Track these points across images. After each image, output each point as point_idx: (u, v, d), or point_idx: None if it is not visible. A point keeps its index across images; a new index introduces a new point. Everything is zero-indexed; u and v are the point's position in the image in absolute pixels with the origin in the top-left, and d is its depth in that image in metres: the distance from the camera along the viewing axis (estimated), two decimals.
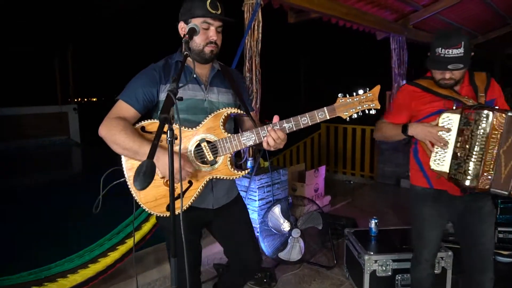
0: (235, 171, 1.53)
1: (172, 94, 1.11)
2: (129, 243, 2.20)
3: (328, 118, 1.46)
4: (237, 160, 3.31)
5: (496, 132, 1.57)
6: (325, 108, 1.46)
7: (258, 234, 3.02)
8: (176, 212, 1.47)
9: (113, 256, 2.15)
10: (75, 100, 12.25)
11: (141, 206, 1.51)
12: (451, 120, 1.70)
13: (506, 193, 1.62)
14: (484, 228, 1.83)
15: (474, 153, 1.60)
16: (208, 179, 1.52)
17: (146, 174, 0.92)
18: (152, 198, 1.50)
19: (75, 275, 2.06)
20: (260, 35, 3.16)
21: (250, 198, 3.17)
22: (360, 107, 1.46)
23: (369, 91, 1.46)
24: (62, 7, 8.28)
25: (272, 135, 1.46)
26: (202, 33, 1.51)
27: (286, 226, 2.94)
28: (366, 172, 6.10)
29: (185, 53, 1.35)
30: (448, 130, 1.70)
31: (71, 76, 11.34)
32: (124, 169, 1.52)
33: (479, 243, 1.83)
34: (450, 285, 2.44)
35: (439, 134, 1.71)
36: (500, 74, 11.94)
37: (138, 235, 2.27)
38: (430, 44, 1.75)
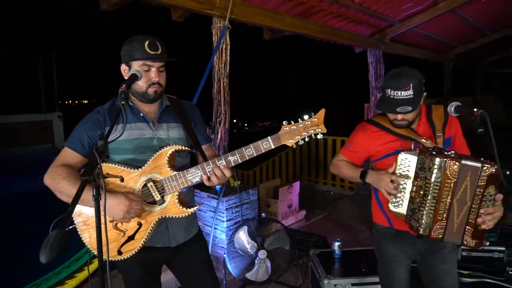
0: (184, 209, 1.52)
1: (97, 153, 1.12)
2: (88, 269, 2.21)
3: (273, 147, 1.46)
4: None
5: (449, 181, 1.52)
6: (269, 137, 1.46)
7: (225, 255, 3.05)
8: (128, 255, 1.50)
9: (71, 284, 2.16)
10: (66, 102, 12.14)
11: (92, 250, 1.52)
12: (409, 162, 1.64)
13: (459, 242, 1.57)
14: (447, 268, 1.80)
15: (428, 201, 1.56)
16: (157, 219, 1.52)
17: (53, 247, 0.90)
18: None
19: None
20: (228, 58, 3.19)
21: (218, 219, 3.19)
22: (305, 133, 1.45)
23: (314, 115, 1.46)
24: (44, 12, 8.25)
25: (216, 172, 1.46)
26: (144, 75, 1.52)
27: (252, 248, 2.97)
28: (346, 183, 6.16)
29: (122, 103, 1.34)
30: (404, 176, 1.64)
31: (55, 82, 11.26)
32: (73, 215, 1.52)
33: (441, 285, 1.81)
34: None
35: (393, 182, 1.65)
36: (481, 81, 12.16)
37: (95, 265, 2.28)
38: (383, 84, 1.71)
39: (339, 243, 2.77)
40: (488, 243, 1.65)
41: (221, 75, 3.18)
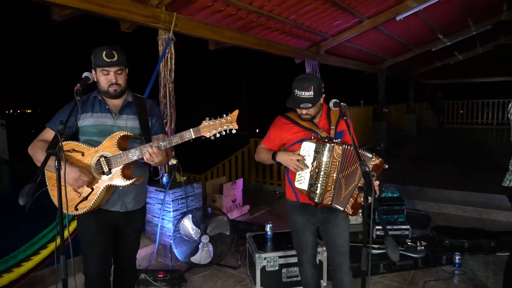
0: (125, 180, 1.92)
1: (58, 134, 1.49)
2: (43, 253, 2.48)
3: (194, 137, 1.88)
4: (154, 176, 3.67)
5: (335, 160, 2.01)
6: (191, 129, 1.88)
7: (171, 241, 3.39)
8: (83, 211, 1.91)
9: (27, 266, 2.41)
10: (7, 111, 11.76)
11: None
12: (309, 148, 2.11)
13: (342, 208, 2.08)
14: (339, 232, 2.28)
15: (321, 177, 2.05)
16: (105, 186, 1.90)
17: (26, 194, 1.30)
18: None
19: None
20: (173, 66, 3.57)
21: (165, 210, 3.53)
22: (221, 128, 1.87)
23: (229, 114, 1.89)
24: None
25: (149, 150, 1.88)
26: (105, 77, 1.94)
27: (196, 233, 3.34)
28: None
29: (77, 98, 1.74)
30: (304, 159, 2.10)
31: None
32: (45, 177, 1.94)
33: (336, 244, 2.28)
34: (326, 274, 2.98)
35: (299, 160, 2.10)
36: (414, 90, 13.45)
37: (46, 251, 2.57)
38: (293, 83, 2.21)
39: (271, 225, 3.23)
40: (361, 213, 2.21)
41: (166, 81, 3.55)
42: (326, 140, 2.08)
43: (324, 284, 2.98)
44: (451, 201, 5.08)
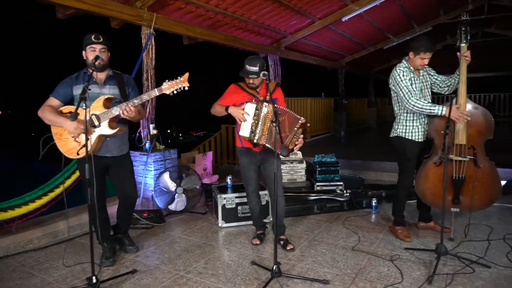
0: (112, 129, 2.75)
1: (85, 88, 2.39)
2: (51, 195, 3.41)
3: (158, 94, 2.75)
4: (138, 143, 4.57)
5: (269, 114, 2.99)
6: (155, 89, 2.76)
7: (153, 193, 4.30)
8: (82, 155, 2.74)
9: (40, 202, 3.35)
10: None
11: (64, 154, 2.75)
12: (251, 107, 3.05)
13: (272, 148, 3.01)
14: (273, 167, 3.20)
15: (259, 125, 3.01)
16: (98, 135, 2.75)
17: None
18: (67, 149, 2.79)
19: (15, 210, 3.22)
20: (153, 55, 4.49)
21: (148, 170, 4.44)
22: (176, 86, 2.74)
23: (182, 76, 2.74)
24: None
25: (126, 108, 2.71)
26: (92, 53, 2.77)
27: (173, 186, 4.27)
28: None
29: (86, 68, 2.66)
30: (247, 113, 3.09)
31: None
32: (52, 133, 2.80)
33: (272, 176, 3.26)
34: (270, 212, 3.96)
35: (243, 114, 3.05)
36: (375, 86, 14.71)
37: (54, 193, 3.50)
38: (244, 61, 3.16)
39: (230, 177, 4.20)
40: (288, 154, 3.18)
41: (148, 67, 4.46)
42: (263, 101, 3.05)
43: (268, 221, 3.94)
44: (385, 170, 6.19)
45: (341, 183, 4.85)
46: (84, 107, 2.40)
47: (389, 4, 7.14)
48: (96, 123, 2.73)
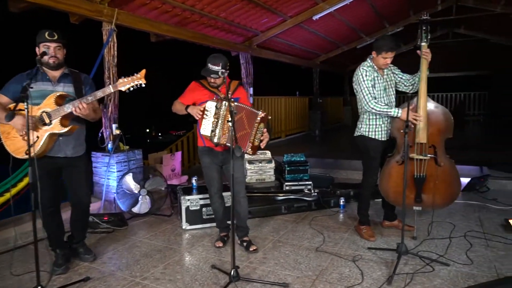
0: (63, 127, 2.62)
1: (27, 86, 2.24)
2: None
3: (112, 91, 2.65)
4: (101, 144, 4.40)
5: (228, 113, 2.88)
6: (110, 85, 2.66)
7: (115, 195, 4.15)
8: (31, 155, 2.58)
9: None
10: None
11: (11, 153, 2.57)
12: (212, 105, 2.95)
13: (242, 149, 2.92)
14: (236, 167, 3.09)
15: (219, 124, 2.91)
16: (48, 134, 2.61)
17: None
18: (15, 148, 2.63)
19: None
20: (115, 52, 4.32)
21: (110, 171, 4.27)
22: (133, 83, 2.65)
23: (139, 73, 2.65)
24: None
25: (79, 105, 2.59)
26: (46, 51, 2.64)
27: (136, 188, 4.12)
28: None
29: (37, 66, 2.49)
30: (206, 111, 2.97)
31: None
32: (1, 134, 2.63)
33: (235, 176, 3.17)
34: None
35: (201, 112, 2.94)
36: (349, 85, 14.85)
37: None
38: (207, 59, 3.05)
39: (196, 178, 4.09)
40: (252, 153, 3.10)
41: (110, 65, 4.29)
42: (223, 100, 2.96)
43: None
44: (355, 168, 6.20)
45: (310, 182, 4.82)
46: (26, 106, 2.26)
47: (359, 3, 7.18)
48: (47, 120, 2.60)
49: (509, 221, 3.53)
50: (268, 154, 5.11)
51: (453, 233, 3.45)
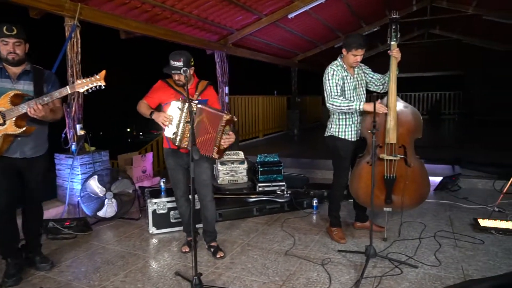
0: (17, 128, 2.47)
1: None
2: None
3: (70, 92, 2.51)
4: (64, 145, 4.20)
5: (192, 115, 2.75)
6: (67, 86, 2.51)
7: (79, 198, 3.96)
8: None
9: None
10: None
11: None
12: (176, 106, 2.81)
13: (210, 155, 2.78)
14: (202, 170, 3.01)
15: (181, 127, 2.76)
16: (2, 135, 2.44)
17: None
18: None
19: None
20: (79, 49, 4.12)
21: (74, 174, 4.08)
22: (91, 84, 2.51)
23: (98, 74, 2.51)
24: None
25: (32, 105, 2.44)
26: (4, 47, 2.48)
27: (101, 191, 3.95)
28: None
29: None
30: (171, 116, 2.78)
31: None
32: None
33: (201, 179, 3.02)
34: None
35: (166, 117, 2.78)
36: None
37: None
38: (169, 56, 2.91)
39: (164, 180, 3.95)
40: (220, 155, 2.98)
41: (73, 62, 4.10)
42: (188, 101, 2.83)
43: (200, 226, 3.71)
44: (332, 168, 6.17)
45: (284, 183, 4.74)
46: None
47: (335, 2, 7.16)
48: (0, 120, 2.43)
49: (478, 220, 3.55)
50: (241, 154, 5.01)
51: (424, 233, 3.43)
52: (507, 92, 10.94)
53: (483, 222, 3.50)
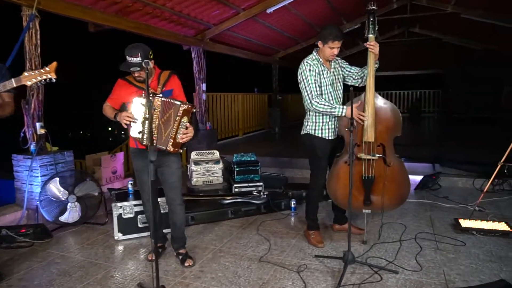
0: None
1: None
2: None
3: (15, 86, 2.26)
4: (23, 145, 3.89)
5: (156, 110, 2.54)
6: (13, 79, 2.26)
7: (37, 203, 3.66)
8: None
9: None
10: None
11: None
12: (139, 102, 2.58)
13: (164, 148, 2.58)
14: (171, 171, 2.80)
15: (147, 124, 2.46)
16: None
17: None
18: None
19: None
20: (38, 41, 3.81)
21: (34, 176, 3.78)
22: (40, 77, 2.27)
23: (48, 66, 2.27)
24: None
25: None
26: None
27: (63, 194, 3.66)
28: (184, 162, 7.18)
29: None
30: (132, 115, 2.57)
31: None
32: None
33: (169, 181, 2.82)
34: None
35: (128, 116, 2.57)
36: None
37: None
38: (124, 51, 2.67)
39: (131, 181, 3.69)
40: (182, 150, 2.76)
41: (32, 55, 3.78)
42: (151, 96, 2.59)
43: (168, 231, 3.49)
44: None
45: (261, 183, 4.55)
46: None
47: None
48: None
49: (459, 220, 3.44)
50: (216, 154, 4.79)
51: (404, 235, 3.30)
52: (484, 90, 11.05)
53: (464, 223, 3.39)
